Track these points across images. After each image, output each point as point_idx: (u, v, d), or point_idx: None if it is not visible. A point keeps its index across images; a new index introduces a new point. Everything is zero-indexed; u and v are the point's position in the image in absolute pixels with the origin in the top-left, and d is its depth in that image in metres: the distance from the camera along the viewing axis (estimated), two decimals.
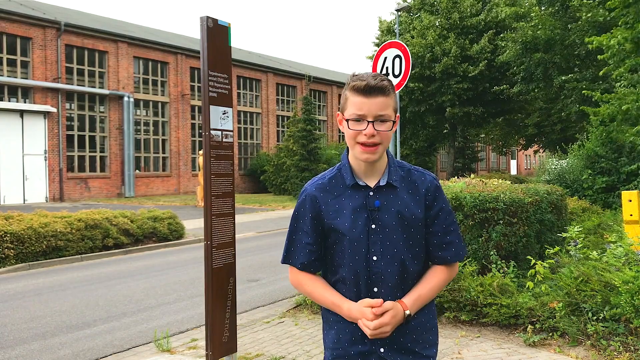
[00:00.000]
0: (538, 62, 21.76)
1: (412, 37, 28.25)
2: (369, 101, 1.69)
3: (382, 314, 1.68)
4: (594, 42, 10.98)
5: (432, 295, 1.81)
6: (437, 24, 27.92)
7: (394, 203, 1.77)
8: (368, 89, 1.69)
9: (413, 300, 1.76)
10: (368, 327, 1.67)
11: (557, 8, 19.88)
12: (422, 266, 1.83)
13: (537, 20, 20.19)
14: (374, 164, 1.77)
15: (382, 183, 1.78)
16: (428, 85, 27.89)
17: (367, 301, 1.71)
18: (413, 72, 26.76)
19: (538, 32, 20.30)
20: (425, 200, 1.80)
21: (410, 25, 29.37)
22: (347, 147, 1.84)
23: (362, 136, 1.71)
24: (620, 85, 11.91)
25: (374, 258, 1.75)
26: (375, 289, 1.76)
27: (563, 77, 19.59)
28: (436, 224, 1.81)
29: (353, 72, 1.79)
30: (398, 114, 1.82)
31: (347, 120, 1.74)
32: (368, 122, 1.69)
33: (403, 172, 1.82)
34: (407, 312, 1.73)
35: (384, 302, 1.70)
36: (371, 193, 1.77)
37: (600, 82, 17.17)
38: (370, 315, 1.67)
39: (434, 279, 1.82)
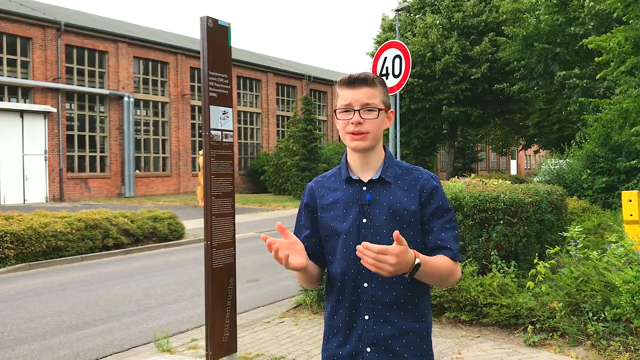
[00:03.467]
0: (539, 58, 21.69)
1: (414, 35, 28.23)
2: (353, 91, 1.77)
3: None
4: (593, 44, 10.96)
5: (439, 270, 1.69)
6: (438, 22, 27.91)
7: (385, 198, 1.77)
8: (352, 81, 1.79)
9: (422, 256, 1.63)
10: (371, 249, 1.51)
11: (557, 1, 19.89)
12: None
13: (542, 10, 20.15)
14: (368, 157, 1.79)
15: (375, 177, 1.79)
16: (427, 83, 27.89)
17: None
18: (413, 70, 26.76)
19: (541, 23, 20.23)
20: (421, 197, 1.78)
21: (412, 24, 29.37)
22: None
23: (350, 125, 1.76)
24: (620, 91, 11.88)
25: None
26: (365, 284, 1.74)
27: (563, 73, 19.49)
28: (432, 222, 1.78)
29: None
30: (392, 110, 1.85)
31: (336, 112, 1.81)
32: (354, 110, 1.75)
33: (400, 170, 1.83)
34: (418, 260, 1.58)
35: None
36: (364, 187, 1.79)
37: (602, 80, 17.12)
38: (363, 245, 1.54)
39: (441, 259, 1.72)
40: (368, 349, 1.73)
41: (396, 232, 1.53)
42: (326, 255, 1.85)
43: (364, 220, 1.76)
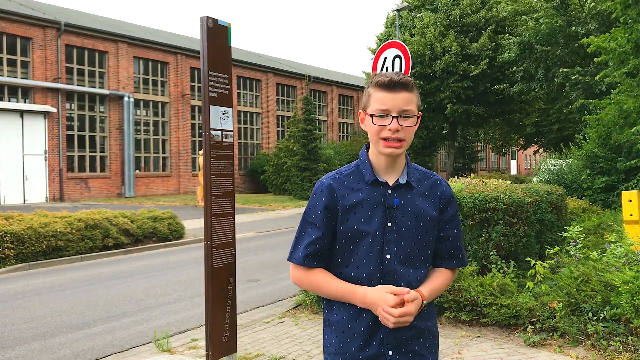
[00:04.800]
0: (539, 61, 21.68)
1: (412, 35, 28.25)
2: (393, 96, 1.70)
3: (405, 303, 1.67)
4: (592, 44, 10.95)
5: (440, 292, 1.83)
6: (436, 21, 27.95)
7: (411, 203, 1.77)
8: (392, 84, 1.70)
9: (429, 291, 1.76)
10: (391, 314, 1.63)
11: (556, 3, 19.89)
12: (427, 270, 1.84)
13: (541, 13, 20.14)
14: (395, 161, 1.77)
15: (402, 181, 1.77)
16: (427, 84, 27.90)
17: (390, 288, 1.68)
18: (413, 71, 26.75)
19: (541, 26, 20.22)
20: (440, 203, 1.81)
21: (411, 23, 29.40)
22: (366, 145, 1.84)
23: (386, 131, 1.71)
24: (618, 91, 11.88)
25: (387, 256, 1.74)
26: None
27: (565, 70, 19.48)
28: (448, 229, 1.82)
29: (373, 73, 1.80)
30: (420, 112, 1.81)
31: (371, 116, 1.74)
32: (392, 117, 1.70)
33: (419, 174, 1.84)
34: (425, 302, 1.74)
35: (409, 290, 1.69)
36: (390, 191, 1.76)
37: (603, 79, 17.13)
38: (393, 301, 1.64)
39: (441, 277, 1.84)
40: (390, 352, 1.74)
41: (413, 294, 1.66)
42: (337, 257, 1.80)
43: (389, 224, 1.74)
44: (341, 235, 1.77)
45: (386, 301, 1.65)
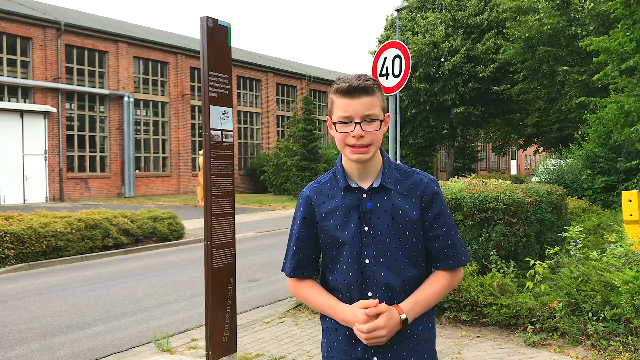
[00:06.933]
0: (542, 58, 21.71)
1: (415, 34, 28.19)
2: (353, 102, 1.67)
3: (376, 317, 1.63)
4: (592, 45, 10.93)
5: (432, 302, 1.74)
6: (440, 21, 27.92)
7: (387, 205, 1.72)
8: (352, 90, 1.67)
9: (410, 304, 1.69)
10: (361, 330, 1.63)
11: (558, 2, 19.93)
12: (423, 272, 1.77)
13: (542, 14, 20.18)
14: (366, 165, 1.74)
15: (375, 185, 1.74)
16: (431, 84, 27.86)
17: (362, 302, 1.67)
18: (417, 72, 26.70)
19: (544, 27, 20.25)
20: (422, 202, 1.74)
21: (412, 23, 29.36)
22: None
23: (350, 138, 1.68)
24: (614, 89, 11.88)
25: (367, 261, 1.71)
26: (370, 294, 1.71)
27: (565, 68, 19.53)
28: (436, 228, 1.75)
29: (338, 76, 1.76)
30: (388, 113, 1.78)
31: (334, 124, 1.72)
32: (355, 123, 1.67)
33: (399, 174, 1.78)
34: (404, 316, 1.66)
35: (380, 303, 1.66)
36: (364, 195, 1.73)
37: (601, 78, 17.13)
38: (363, 317, 1.63)
39: (434, 285, 1.75)
40: (375, 358, 1.72)
41: (371, 310, 1.63)
42: (325, 264, 1.82)
43: (366, 229, 1.72)
44: (323, 243, 1.79)
45: (357, 318, 1.64)
